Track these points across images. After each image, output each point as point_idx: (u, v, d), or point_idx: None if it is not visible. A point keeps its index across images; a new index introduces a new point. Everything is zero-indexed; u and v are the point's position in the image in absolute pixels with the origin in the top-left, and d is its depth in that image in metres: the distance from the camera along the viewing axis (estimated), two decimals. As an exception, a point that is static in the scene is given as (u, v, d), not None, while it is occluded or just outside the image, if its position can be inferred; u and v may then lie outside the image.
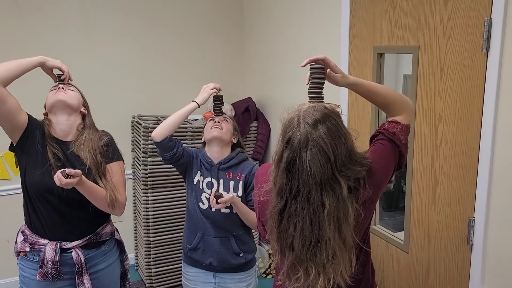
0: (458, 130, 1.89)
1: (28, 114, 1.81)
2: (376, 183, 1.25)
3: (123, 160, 1.94)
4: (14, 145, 1.80)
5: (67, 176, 1.58)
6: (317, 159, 1.14)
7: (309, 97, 1.31)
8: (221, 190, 2.01)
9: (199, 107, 2.01)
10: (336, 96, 2.50)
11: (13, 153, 1.83)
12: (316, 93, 1.30)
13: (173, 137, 1.99)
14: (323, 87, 1.32)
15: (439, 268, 2.04)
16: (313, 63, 1.33)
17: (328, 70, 1.34)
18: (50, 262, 1.74)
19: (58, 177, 1.57)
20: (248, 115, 3.43)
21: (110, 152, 1.87)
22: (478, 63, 1.77)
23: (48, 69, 1.82)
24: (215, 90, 2.04)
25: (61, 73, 1.86)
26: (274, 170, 1.23)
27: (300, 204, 1.18)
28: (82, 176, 1.65)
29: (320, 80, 1.31)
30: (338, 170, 1.16)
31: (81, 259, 1.78)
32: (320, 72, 1.31)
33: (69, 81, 1.88)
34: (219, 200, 1.88)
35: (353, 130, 1.25)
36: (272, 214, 1.24)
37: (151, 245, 3.17)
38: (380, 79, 2.32)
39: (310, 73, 1.33)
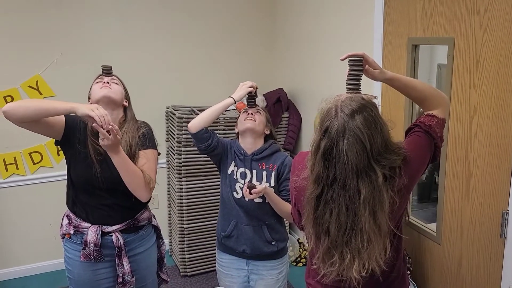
0: (493, 123, 1.86)
1: (65, 116, 1.81)
2: (411, 173, 1.28)
3: (157, 150, 1.98)
4: (58, 141, 1.87)
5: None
6: (353, 147, 1.18)
7: (347, 88, 1.34)
8: (254, 181, 2.06)
9: (235, 103, 2.06)
10: (370, 90, 2.50)
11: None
12: (353, 85, 1.34)
13: (208, 129, 2.05)
14: (361, 79, 1.35)
15: (472, 260, 2.04)
16: (352, 57, 1.36)
17: (367, 66, 1.37)
18: (92, 244, 1.84)
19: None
20: (280, 105, 3.46)
21: (146, 140, 1.91)
22: (515, 55, 1.75)
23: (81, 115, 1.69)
24: (252, 88, 2.06)
25: (107, 66, 1.88)
26: (312, 158, 1.27)
27: (336, 191, 1.22)
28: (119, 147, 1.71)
29: (358, 72, 1.34)
30: (374, 159, 1.19)
31: (120, 243, 1.88)
32: (359, 64, 1.35)
33: (112, 74, 1.90)
34: (252, 191, 1.93)
35: (389, 120, 1.29)
36: (309, 200, 1.28)
37: (185, 232, 3.26)
38: (414, 70, 2.30)
39: (349, 65, 1.36)
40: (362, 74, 1.35)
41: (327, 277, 1.31)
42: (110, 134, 1.65)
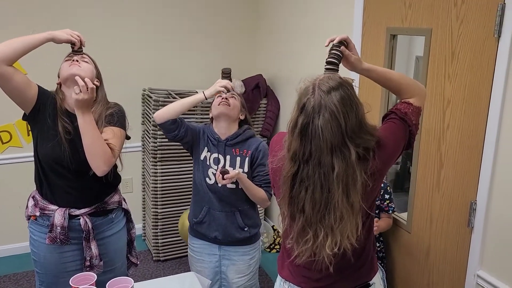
0: (466, 115, 1.89)
1: (38, 86, 1.81)
2: (385, 157, 1.31)
3: (126, 132, 1.92)
4: (27, 115, 1.82)
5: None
6: (328, 124, 1.20)
7: (325, 68, 1.36)
8: (227, 166, 2.05)
9: (206, 100, 2.02)
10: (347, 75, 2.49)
11: (25, 122, 1.87)
12: (332, 64, 1.35)
13: (177, 119, 2.01)
14: (340, 62, 1.37)
15: (439, 248, 2.07)
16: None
17: (347, 52, 1.37)
18: (59, 227, 1.80)
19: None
20: (258, 92, 3.44)
21: (114, 119, 1.85)
22: (489, 48, 1.76)
23: (60, 43, 1.78)
24: (223, 88, 2.00)
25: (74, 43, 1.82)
26: (289, 137, 1.29)
27: (311, 167, 1.24)
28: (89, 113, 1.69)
29: (338, 53, 1.36)
30: (348, 137, 1.22)
31: (88, 226, 1.84)
32: (339, 47, 1.36)
33: (83, 52, 1.84)
34: (225, 176, 1.92)
35: (366, 103, 1.31)
36: (286, 179, 1.30)
37: (159, 217, 3.24)
38: (392, 60, 2.31)
39: (331, 47, 1.37)
40: (342, 57, 1.37)
41: (300, 257, 1.33)
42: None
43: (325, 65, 1.36)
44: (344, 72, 1.38)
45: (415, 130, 1.38)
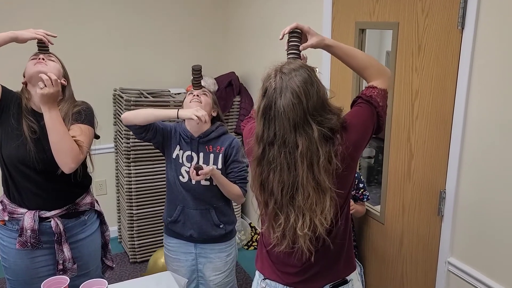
0: (433, 106, 1.93)
1: (2, 86, 1.77)
2: (354, 140, 1.32)
3: (94, 129, 1.88)
4: None
5: None
6: (290, 102, 1.23)
7: (288, 58, 1.38)
8: (201, 163, 2.04)
9: (177, 118, 1.94)
10: (319, 65, 2.51)
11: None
12: (293, 53, 1.38)
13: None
14: (300, 49, 1.40)
15: (412, 238, 2.12)
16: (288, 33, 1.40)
17: (305, 30, 1.39)
18: (29, 231, 1.76)
19: None
20: (231, 89, 3.44)
21: (82, 116, 1.82)
22: (453, 40, 1.80)
23: (24, 42, 1.76)
24: (197, 118, 1.88)
25: (40, 41, 1.79)
26: (256, 122, 1.31)
27: (277, 149, 1.26)
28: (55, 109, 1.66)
29: (297, 42, 1.39)
30: (310, 114, 1.24)
31: (60, 228, 1.80)
32: (296, 36, 1.39)
33: (49, 51, 1.81)
34: (199, 172, 1.91)
35: (330, 90, 1.33)
36: (253, 164, 1.32)
37: (134, 218, 3.20)
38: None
39: (288, 38, 1.40)
40: (300, 44, 1.40)
41: (278, 246, 1.34)
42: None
43: (287, 56, 1.39)
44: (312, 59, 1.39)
45: (382, 112, 1.40)
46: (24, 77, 1.81)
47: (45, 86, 1.63)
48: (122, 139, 3.13)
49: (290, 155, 1.25)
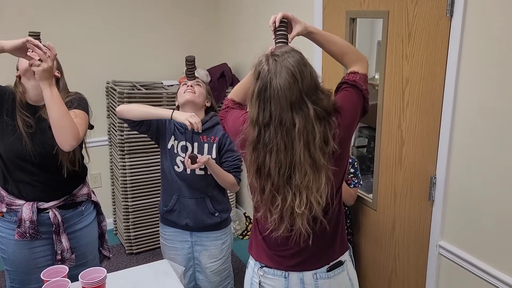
0: (423, 93, 1.96)
1: None
2: (346, 123, 1.37)
3: (88, 114, 1.88)
4: None
5: None
6: (286, 80, 1.25)
7: (276, 46, 1.41)
8: (195, 153, 2.06)
9: (170, 119, 1.97)
10: (311, 59, 2.54)
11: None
12: (282, 43, 1.42)
13: None
14: (287, 37, 1.44)
15: (404, 223, 2.16)
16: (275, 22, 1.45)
17: (290, 19, 1.44)
18: (27, 222, 1.78)
19: None
20: (224, 80, 3.45)
21: (75, 103, 1.82)
22: (442, 28, 1.83)
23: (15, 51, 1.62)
24: (190, 124, 1.91)
25: (34, 33, 1.75)
26: (249, 107, 1.33)
27: (273, 129, 1.28)
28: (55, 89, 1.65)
29: (284, 31, 1.44)
30: (305, 93, 1.27)
31: (58, 219, 1.82)
32: (283, 25, 1.44)
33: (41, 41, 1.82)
34: (196, 160, 1.94)
35: (320, 77, 1.39)
36: (248, 149, 1.33)
37: (130, 210, 3.22)
38: (352, 44, 2.36)
39: (275, 28, 1.45)
40: (287, 33, 1.44)
41: (276, 231, 1.36)
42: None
43: (276, 44, 1.43)
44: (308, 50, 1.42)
45: (367, 94, 1.46)
46: (17, 70, 1.81)
47: (41, 61, 1.59)
48: (116, 131, 3.14)
49: (287, 134, 1.27)
